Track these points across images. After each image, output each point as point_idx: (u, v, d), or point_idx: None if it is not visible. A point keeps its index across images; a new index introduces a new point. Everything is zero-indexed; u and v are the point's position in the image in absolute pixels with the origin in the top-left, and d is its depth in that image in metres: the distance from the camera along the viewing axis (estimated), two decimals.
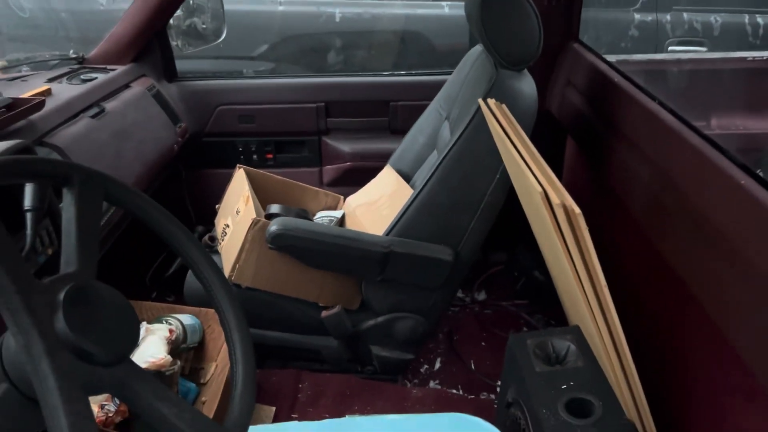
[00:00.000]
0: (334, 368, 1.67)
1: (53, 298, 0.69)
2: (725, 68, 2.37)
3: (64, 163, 0.81)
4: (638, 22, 3.22)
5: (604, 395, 1.15)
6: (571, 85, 1.78)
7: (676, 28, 3.23)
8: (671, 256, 1.15)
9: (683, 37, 3.23)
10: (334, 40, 3.34)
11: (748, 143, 2.26)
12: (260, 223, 1.48)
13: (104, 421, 1.21)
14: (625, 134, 1.41)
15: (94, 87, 1.64)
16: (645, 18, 3.25)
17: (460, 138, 1.43)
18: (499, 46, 1.42)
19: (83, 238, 0.78)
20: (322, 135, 2.06)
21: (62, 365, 0.65)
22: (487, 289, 2.12)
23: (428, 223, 1.48)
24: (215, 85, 2.05)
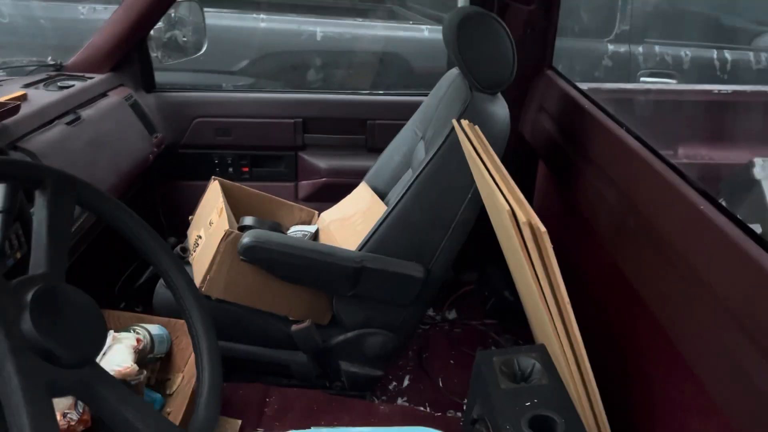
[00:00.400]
0: (302, 384, 1.67)
1: (21, 299, 0.70)
2: (692, 99, 2.45)
3: (37, 166, 0.82)
4: (612, 52, 3.31)
5: (567, 412, 1.17)
6: (544, 111, 1.82)
7: (648, 60, 3.33)
8: (633, 276, 1.19)
9: (654, 69, 3.33)
10: (314, 58, 3.38)
11: (711, 172, 2.33)
12: (233, 235, 1.48)
13: (66, 429, 1.19)
14: (593, 159, 1.45)
15: (70, 94, 1.64)
16: (618, 49, 3.34)
17: (434, 157, 1.46)
18: (474, 69, 1.46)
19: (53, 241, 0.79)
20: (298, 150, 2.08)
21: (26, 365, 0.66)
22: (457, 308, 2.14)
23: (401, 239, 1.50)
24: (193, 97, 2.06)
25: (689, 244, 1.02)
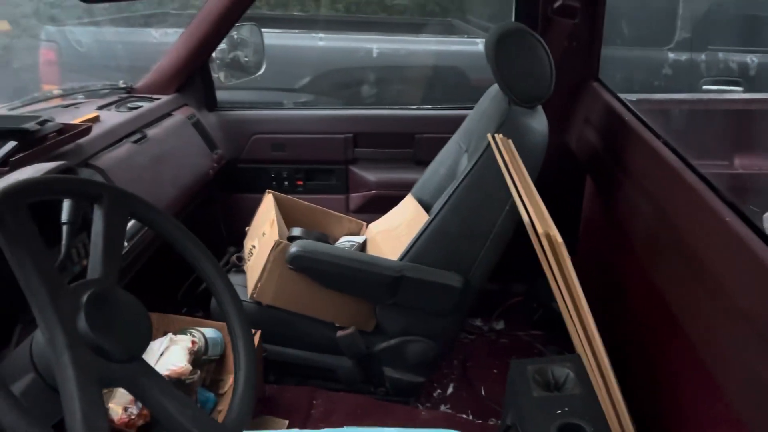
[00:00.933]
0: (348, 388, 1.74)
1: (77, 300, 0.79)
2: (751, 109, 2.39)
3: (95, 183, 0.92)
4: (672, 61, 3.25)
5: (597, 422, 1.19)
6: (589, 123, 1.83)
7: (711, 68, 3.25)
8: (664, 289, 1.19)
9: (718, 77, 3.25)
10: (372, 73, 3.47)
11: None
12: (282, 245, 1.57)
13: (126, 422, 1.30)
14: (631, 171, 1.46)
15: (138, 114, 1.78)
16: (680, 57, 3.28)
17: (472, 170, 1.50)
18: (511, 84, 1.50)
19: (108, 250, 0.89)
20: (349, 164, 2.16)
21: (81, 359, 0.75)
22: (505, 319, 2.16)
23: (439, 250, 1.55)
24: (251, 115, 2.18)
25: (715, 256, 1.02)
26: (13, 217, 0.77)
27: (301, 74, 3.45)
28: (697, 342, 1.05)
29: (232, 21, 1.95)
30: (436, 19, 5.14)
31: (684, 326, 1.10)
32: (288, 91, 3.51)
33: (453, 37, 3.94)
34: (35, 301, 0.76)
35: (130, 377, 0.81)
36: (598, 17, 1.82)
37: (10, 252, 0.76)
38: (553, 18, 1.82)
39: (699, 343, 1.05)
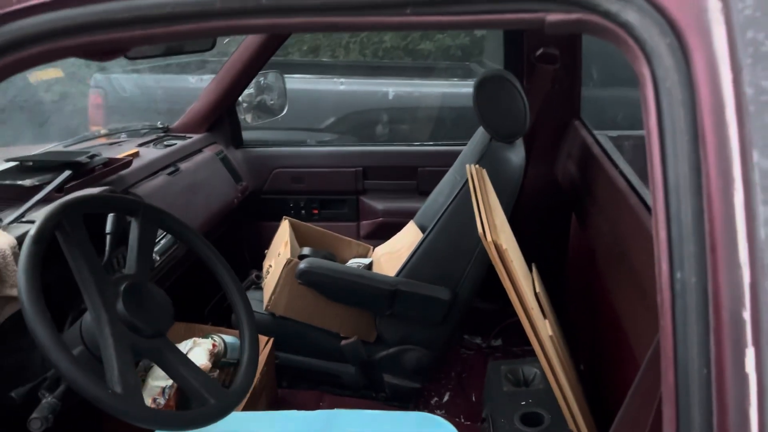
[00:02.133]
0: (352, 393, 1.94)
1: (117, 289, 1.03)
2: None
3: (132, 200, 1.17)
4: None
5: (555, 411, 1.37)
6: (570, 157, 2.04)
7: None
8: (614, 298, 1.38)
9: None
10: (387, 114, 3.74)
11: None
12: (293, 262, 1.80)
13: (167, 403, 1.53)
14: (596, 198, 1.65)
15: (173, 151, 2.05)
16: None
17: (457, 195, 1.72)
18: (491, 122, 1.72)
19: (141, 253, 1.13)
20: (359, 194, 2.40)
21: (119, 332, 0.99)
22: (503, 337, 2.33)
23: (431, 266, 1.76)
24: (273, 151, 2.45)
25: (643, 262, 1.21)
26: (71, 225, 1.02)
27: (326, 115, 3.74)
28: (631, 337, 1.23)
29: (256, 69, 2.23)
30: (456, 63, 5.43)
31: (625, 328, 1.29)
32: (313, 131, 3.79)
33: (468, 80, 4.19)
34: (85, 289, 1.00)
35: (156, 350, 1.04)
36: (576, 62, 2.04)
37: (68, 251, 1.00)
38: (537, 64, 2.05)
39: (632, 338, 1.23)
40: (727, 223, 0.51)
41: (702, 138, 0.53)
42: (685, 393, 0.53)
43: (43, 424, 0.92)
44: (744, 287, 0.51)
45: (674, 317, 0.54)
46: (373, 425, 1.26)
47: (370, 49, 6.57)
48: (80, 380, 0.87)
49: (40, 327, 0.87)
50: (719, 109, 0.52)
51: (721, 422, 0.51)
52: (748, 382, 0.50)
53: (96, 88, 3.49)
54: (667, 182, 0.55)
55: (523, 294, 1.20)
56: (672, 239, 0.54)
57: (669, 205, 0.55)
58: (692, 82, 0.53)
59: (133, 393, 0.92)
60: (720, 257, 0.52)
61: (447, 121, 3.66)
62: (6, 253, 1.07)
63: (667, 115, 0.55)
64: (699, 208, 0.53)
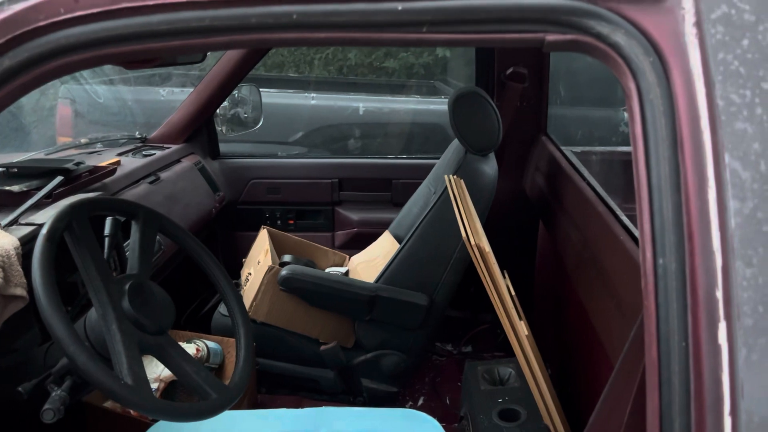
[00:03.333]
0: (331, 398, 1.99)
1: (122, 288, 1.07)
2: None
3: (134, 204, 1.21)
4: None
5: (530, 407, 1.45)
6: (538, 170, 2.15)
7: None
8: (583, 299, 1.48)
9: None
10: (359, 129, 3.82)
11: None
12: (275, 269, 1.85)
13: None
14: (565, 208, 1.76)
15: (153, 160, 2.08)
16: None
17: (434, 205, 1.80)
18: (466, 136, 1.82)
19: (142, 254, 1.17)
20: (335, 205, 2.46)
21: (126, 328, 1.03)
22: (473, 344, 2.42)
23: (408, 273, 1.83)
24: (250, 162, 2.50)
25: (613, 265, 1.31)
26: (79, 225, 1.05)
27: (294, 129, 3.80)
28: (601, 335, 1.33)
29: (235, 82, 2.28)
30: (422, 81, 5.57)
31: (594, 326, 1.38)
32: (283, 144, 3.84)
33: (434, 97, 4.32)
34: (92, 287, 1.04)
35: (160, 346, 1.08)
36: (543, 81, 2.16)
37: (76, 251, 1.04)
38: (506, 82, 2.16)
39: (602, 335, 1.32)
40: (703, 215, 0.60)
41: (680, 143, 0.62)
42: (666, 364, 0.62)
43: (56, 414, 0.95)
44: (717, 270, 0.59)
45: (657, 298, 0.63)
46: (360, 422, 1.32)
47: (334, 65, 6.67)
48: (97, 373, 0.91)
49: (57, 321, 0.91)
50: (695, 118, 0.61)
51: (698, 387, 0.59)
52: (720, 351, 0.59)
53: (64, 99, 3.47)
54: (651, 182, 0.63)
55: (503, 295, 1.28)
56: (655, 230, 0.63)
57: (652, 201, 0.63)
58: (672, 94, 0.62)
59: (143, 384, 0.96)
60: (696, 245, 0.60)
61: (415, 135, 3.77)
62: (10, 253, 1.10)
63: (650, 124, 0.63)
64: (678, 203, 0.62)
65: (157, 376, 1.61)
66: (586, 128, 3.50)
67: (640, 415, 0.67)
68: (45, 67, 0.70)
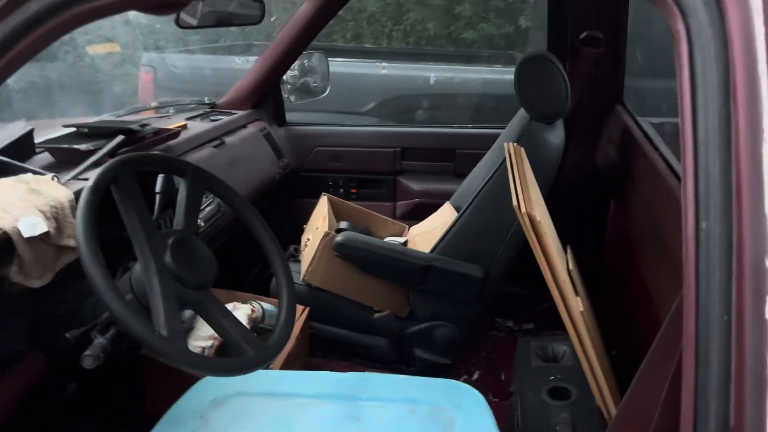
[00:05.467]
0: (383, 366, 1.98)
1: (165, 242, 1.09)
2: None
3: (181, 161, 1.23)
4: None
5: (583, 387, 1.38)
6: (611, 142, 2.03)
7: None
8: (647, 276, 1.39)
9: None
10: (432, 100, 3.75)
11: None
12: (330, 235, 1.85)
13: None
14: (635, 181, 1.65)
15: (219, 125, 2.12)
16: None
17: (493, 176, 1.74)
18: (531, 103, 1.73)
19: (188, 211, 1.19)
20: (397, 175, 2.43)
21: (166, 282, 1.04)
22: (535, 322, 2.35)
23: (464, 244, 1.79)
24: (314, 130, 2.50)
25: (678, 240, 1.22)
26: (125, 179, 1.07)
27: (367, 99, 3.77)
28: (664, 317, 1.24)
29: (301, 48, 2.27)
30: (500, 51, 5.41)
31: (657, 307, 1.29)
32: (355, 114, 3.83)
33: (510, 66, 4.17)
34: (136, 240, 1.06)
35: (199, 301, 1.09)
36: (620, 46, 2.03)
37: (122, 204, 1.06)
38: (580, 48, 2.04)
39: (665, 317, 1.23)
40: (754, 174, 0.53)
41: (733, 92, 0.55)
42: (705, 339, 0.55)
43: (95, 361, 0.98)
44: (767, 236, 0.52)
45: (698, 266, 0.56)
46: (401, 389, 1.30)
47: (413, 37, 6.58)
48: (130, 321, 0.93)
49: (95, 270, 0.93)
50: (752, 63, 0.54)
51: (739, 367, 0.53)
52: (766, 328, 0.52)
53: (147, 66, 3.59)
54: (697, 135, 0.57)
55: (555, 266, 1.22)
56: (699, 190, 0.56)
57: (698, 157, 0.56)
58: (726, 37, 0.55)
59: (177, 337, 0.97)
60: (745, 207, 0.53)
61: (487, 107, 3.67)
62: (64, 205, 1.14)
63: (699, 70, 0.56)
64: (727, 159, 0.55)
65: (211, 335, 1.65)
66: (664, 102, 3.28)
67: (677, 396, 0.61)
68: (73, 10, 0.70)
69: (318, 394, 1.30)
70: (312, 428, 1.23)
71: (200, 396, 1.27)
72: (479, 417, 1.23)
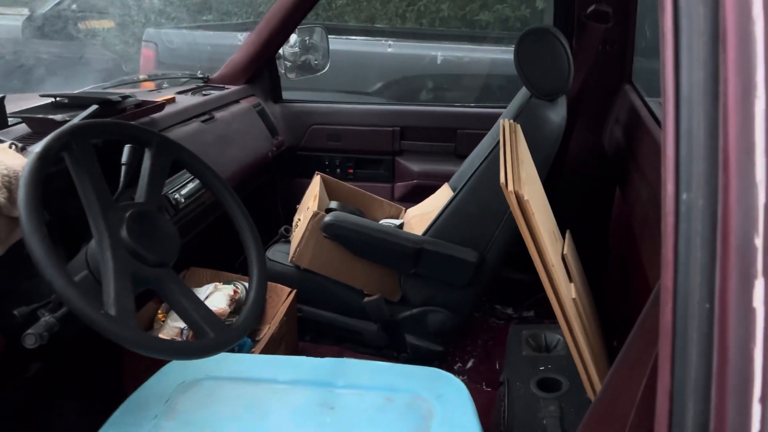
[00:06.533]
0: (374, 352, 1.91)
1: (122, 215, 1.02)
2: None
3: (146, 130, 1.16)
4: None
5: (575, 378, 1.30)
6: (618, 123, 1.93)
7: None
8: (648, 263, 1.29)
9: None
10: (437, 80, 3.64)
11: None
12: (319, 215, 1.77)
13: None
14: (639, 163, 1.56)
15: (209, 99, 2.04)
16: None
17: (489, 155, 1.65)
18: (531, 78, 1.64)
19: (152, 183, 1.12)
20: (396, 155, 2.35)
21: (120, 257, 0.97)
22: (535, 310, 2.26)
23: (458, 227, 1.70)
24: (311, 107, 2.42)
25: None
26: (79, 146, 1.00)
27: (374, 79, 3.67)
28: None
29: (295, 22, 2.19)
30: (513, 33, 5.27)
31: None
32: (361, 94, 3.73)
33: None
34: (90, 212, 0.99)
35: (158, 279, 1.02)
36: (630, 22, 1.92)
37: (75, 173, 1.00)
38: (587, 23, 1.93)
39: None
40: (744, 136, 0.44)
41: (723, 38, 0.46)
42: (683, 330, 0.47)
43: (37, 340, 0.92)
44: (758, 210, 0.44)
45: (676, 244, 0.48)
46: (380, 376, 1.23)
47: (426, 18, 6.45)
48: (74, 298, 0.86)
49: (36, 242, 0.87)
50: (745, 4, 0.45)
51: (721, 362, 0.45)
52: (754, 317, 0.44)
53: (148, 42, 3.53)
54: (679, 91, 0.48)
55: (543, 249, 1.13)
56: (680, 156, 0.48)
57: (679, 118, 0.48)
58: None
59: (127, 317, 0.90)
60: (733, 175, 0.45)
61: (498, 87, 3.55)
62: (19, 173, 1.07)
63: (684, 13, 0.48)
64: (713, 119, 0.46)
65: None
66: None
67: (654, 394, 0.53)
68: None
69: (292, 379, 1.23)
70: (282, 415, 1.16)
71: (167, 379, 1.21)
72: (460, 408, 1.15)
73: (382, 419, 1.15)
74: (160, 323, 1.62)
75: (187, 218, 1.72)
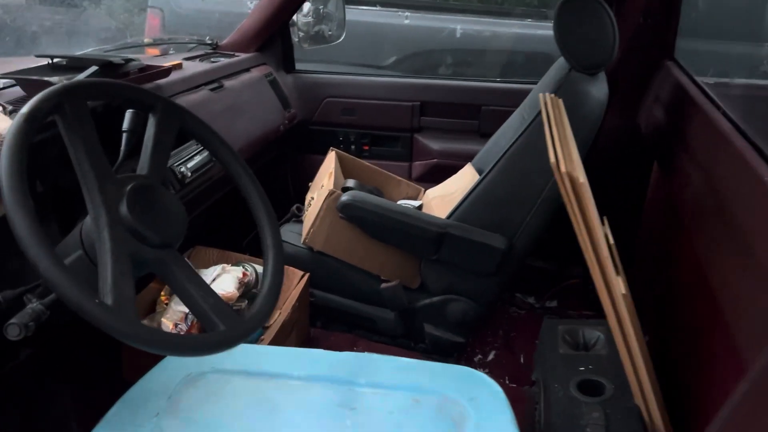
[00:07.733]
0: (389, 341, 1.79)
1: (122, 189, 0.89)
2: None
3: (150, 93, 1.02)
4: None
5: (618, 381, 1.18)
6: (658, 102, 1.79)
7: None
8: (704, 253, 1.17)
9: None
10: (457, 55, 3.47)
11: None
12: (335, 194, 1.64)
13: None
14: (690, 147, 1.42)
15: (218, 67, 1.90)
16: None
17: (524, 133, 1.52)
18: (572, 50, 1.50)
19: (156, 153, 0.98)
20: (414, 132, 2.21)
21: (118, 236, 0.84)
22: (559, 299, 2.14)
23: (486, 211, 1.57)
24: (326, 79, 2.28)
25: (750, 215, 1.00)
26: (73, 108, 0.87)
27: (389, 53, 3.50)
28: (723, 301, 1.02)
29: None
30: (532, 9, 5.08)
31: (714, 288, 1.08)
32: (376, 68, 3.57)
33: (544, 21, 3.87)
34: (85, 184, 0.86)
35: (161, 262, 0.89)
36: None
37: (68, 139, 0.86)
38: None
39: (724, 301, 1.02)
40: None
41: None
42: None
43: (22, 331, 0.79)
44: None
45: None
46: (407, 374, 1.11)
47: None
48: (63, 284, 0.74)
49: (18, 215, 0.74)
50: None
51: None
52: None
53: (154, 8, 3.37)
54: None
55: (597, 240, 1.00)
56: None
57: None
58: None
59: (125, 306, 0.78)
60: None
61: (518, 65, 3.39)
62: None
63: None
64: None
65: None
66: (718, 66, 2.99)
67: None
68: None
69: (309, 375, 1.11)
70: (298, 415, 1.05)
71: (170, 371, 1.09)
72: (497, 414, 1.03)
73: (408, 422, 1.03)
74: (163, 306, 1.50)
75: (194, 194, 1.59)
